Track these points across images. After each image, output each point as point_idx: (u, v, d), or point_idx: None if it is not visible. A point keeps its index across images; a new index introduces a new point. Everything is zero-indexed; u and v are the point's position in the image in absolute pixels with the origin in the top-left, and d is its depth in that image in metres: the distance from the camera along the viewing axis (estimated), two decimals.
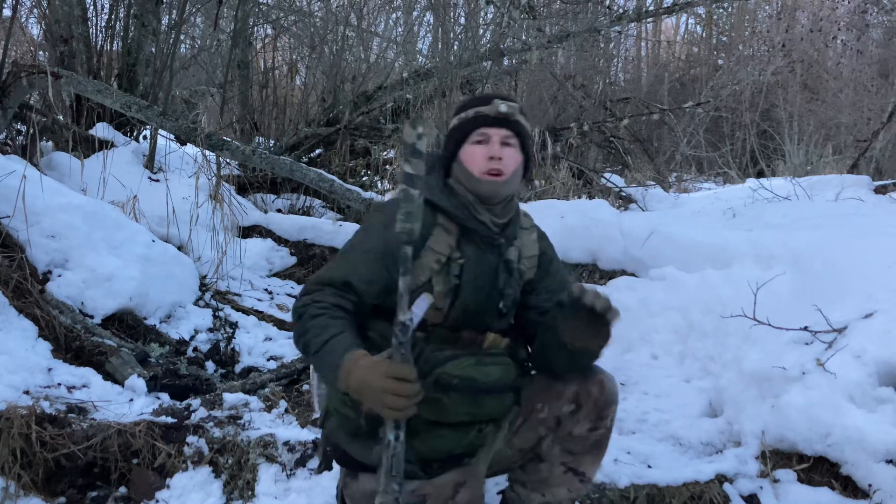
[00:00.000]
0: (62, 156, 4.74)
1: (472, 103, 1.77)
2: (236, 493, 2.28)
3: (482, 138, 1.72)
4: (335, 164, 6.07)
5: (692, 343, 3.14)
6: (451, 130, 1.79)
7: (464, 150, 1.74)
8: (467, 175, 1.72)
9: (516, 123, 1.74)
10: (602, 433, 1.77)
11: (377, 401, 1.45)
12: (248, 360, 3.31)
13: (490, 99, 1.75)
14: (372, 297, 1.67)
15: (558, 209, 3.79)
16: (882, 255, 2.89)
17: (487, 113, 1.72)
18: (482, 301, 1.73)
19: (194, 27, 8.90)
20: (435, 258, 1.68)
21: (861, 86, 10.10)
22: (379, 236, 1.67)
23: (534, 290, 1.83)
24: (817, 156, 7.61)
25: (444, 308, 1.70)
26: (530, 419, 1.77)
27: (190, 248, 4.16)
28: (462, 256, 1.71)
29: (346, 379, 1.50)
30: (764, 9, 13.48)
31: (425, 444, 1.61)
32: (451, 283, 1.70)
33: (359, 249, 1.70)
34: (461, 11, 7.81)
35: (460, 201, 1.73)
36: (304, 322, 1.61)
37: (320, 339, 1.57)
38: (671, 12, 7.77)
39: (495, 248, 1.75)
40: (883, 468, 2.18)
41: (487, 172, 1.70)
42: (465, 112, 1.76)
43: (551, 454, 1.78)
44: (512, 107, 1.74)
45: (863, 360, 2.38)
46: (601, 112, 7.81)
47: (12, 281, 2.96)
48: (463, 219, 1.71)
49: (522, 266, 1.81)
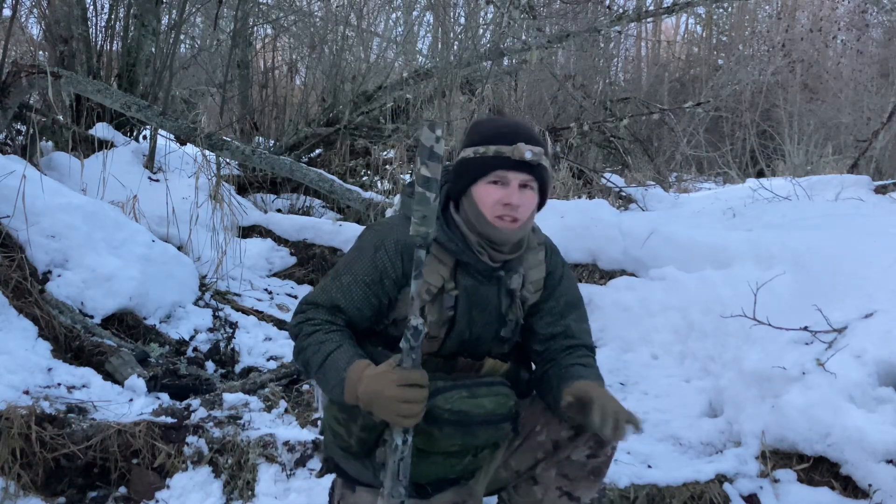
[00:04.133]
0: (62, 156, 4.74)
1: (492, 139, 1.61)
2: (236, 493, 2.28)
3: (499, 179, 1.60)
4: (335, 164, 6.07)
5: (692, 343, 3.14)
6: (464, 162, 1.64)
7: (477, 188, 1.61)
8: (477, 214, 1.61)
9: (539, 168, 1.62)
10: (602, 461, 1.69)
11: (390, 411, 1.42)
12: (248, 360, 3.31)
13: (513, 137, 1.60)
14: (363, 321, 1.63)
15: (558, 209, 3.79)
16: (882, 255, 2.89)
17: (510, 156, 1.59)
18: (478, 330, 1.67)
19: (194, 27, 8.92)
20: (425, 288, 1.60)
21: (861, 86, 10.10)
22: (370, 261, 1.61)
23: (537, 313, 1.75)
24: (817, 156, 7.61)
25: (440, 337, 1.64)
26: (528, 441, 1.71)
27: (190, 248, 4.16)
28: (456, 287, 1.64)
29: (352, 391, 1.47)
30: (764, 9, 13.49)
31: (417, 469, 1.53)
32: (446, 315, 1.63)
33: (349, 273, 1.63)
34: (461, 11, 7.81)
35: (458, 235, 1.63)
36: (301, 340, 1.60)
37: (319, 355, 1.55)
38: (671, 12, 7.77)
39: (494, 280, 1.67)
40: (883, 468, 2.18)
41: (500, 217, 1.59)
42: (486, 148, 1.61)
43: (546, 477, 1.71)
44: (537, 153, 1.59)
45: (863, 360, 2.38)
46: (601, 112, 7.81)
47: (12, 281, 2.96)
48: (457, 252, 1.63)
49: (526, 293, 1.72)
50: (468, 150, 1.65)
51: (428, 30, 9.20)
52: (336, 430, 1.64)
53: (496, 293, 1.68)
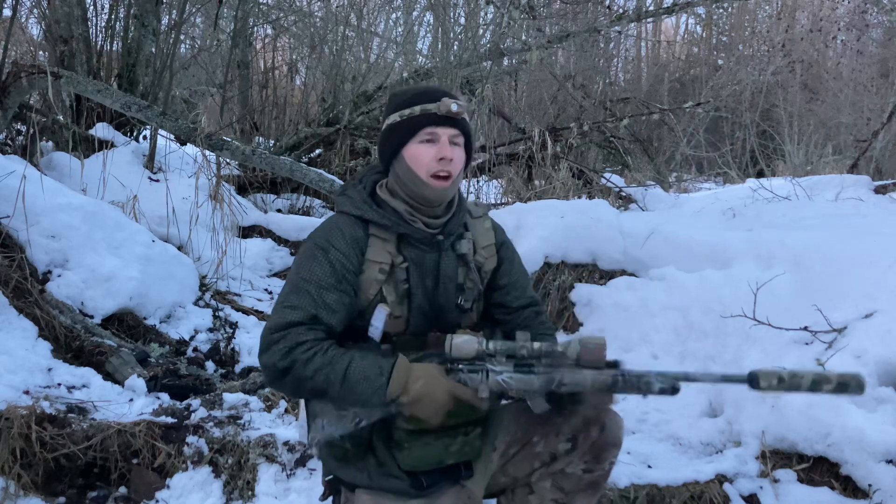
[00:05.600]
0: (62, 156, 4.74)
1: (416, 99, 1.65)
2: (236, 493, 2.28)
3: (430, 137, 1.63)
4: (335, 164, 6.08)
5: (692, 343, 3.14)
6: (392, 127, 1.67)
7: (408, 149, 1.65)
8: (412, 176, 1.64)
9: (463, 122, 1.66)
10: (598, 475, 1.68)
11: (434, 413, 1.49)
12: (248, 360, 3.31)
13: (437, 94, 1.64)
14: (340, 325, 1.61)
15: (558, 209, 3.79)
16: (882, 255, 2.89)
17: (436, 112, 1.62)
18: (437, 300, 1.69)
19: (194, 27, 8.91)
20: (377, 268, 1.64)
21: (861, 86, 10.10)
22: (326, 263, 1.60)
23: (503, 287, 1.80)
24: (817, 156, 7.61)
25: (403, 315, 1.67)
26: (525, 450, 1.70)
27: (190, 248, 4.16)
28: (405, 260, 1.67)
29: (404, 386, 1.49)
30: (764, 9, 13.49)
31: (412, 454, 1.56)
32: (402, 290, 1.66)
33: (310, 282, 1.59)
34: (461, 11, 7.81)
35: (389, 210, 1.67)
36: (299, 370, 1.52)
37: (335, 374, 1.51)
38: (671, 12, 7.77)
39: (435, 245, 1.70)
40: (883, 468, 2.18)
41: (435, 175, 1.63)
42: (411, 108, 1.64)
43: (542, 487, 1.70)
44: (462, 106, 1.64)
45: (863, 360, 2.38)
46: (601, 112, 7.80)
47: (12, 281, 2.96)
48: (392, 227, 1.66)
49: (479, 257, 1.76)
50: (393, 115, 1.67)
51: (428, 30, 9.21)
52: (334, 443, 1.63)
53: (449, 261, 1.71)
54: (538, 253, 3.55)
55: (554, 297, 3.56)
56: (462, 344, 1.50)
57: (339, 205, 1.72)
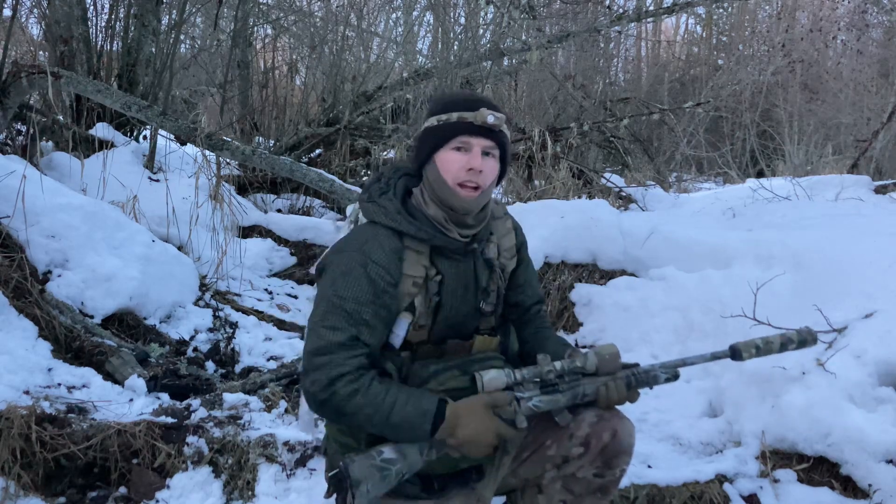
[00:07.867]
0: (62, 156, 4.74)
1: (454, 105, 1.64)
2: (236, 493, 2.28)
3: (462, 145, 1.62)
4: (335, 164, 6.08)
5: (692, 343, 3.14)
6: (428, 130, 1.66)
7: (440, 155, 1.63)
8: (440, 182, 1.62)
9: (500, 134, 1.64)
10: (609, 481, 1.70)
11: (480, 452, 1.54)
12: (248, 360, 3.31)
13: (476, 104, 1.63)
14: (379, 341, 1.60)
15: (558, 209, 3.79)
16: (882, 255, 2.89)
17: (472, 121, 1.61)
18: (463, 308, 1.69)
19: (194, 27, 8.91)
20: (411, 282, 1.61)
21: (861, 86, 10.09)
22: (363, 278, 1.56)
23: (520, 286, 1.82)
24: (817, 156, 7.61)
25: (427, 324, 1.65)
26: (538, 453, 1.72)
27: (190, 248, 4.16)
28: (438, 272, 1.65)
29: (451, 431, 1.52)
30: (764, 9, 13.48)
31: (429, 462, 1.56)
32: (433, 302, 1.65)
33: (350, 298, 1.55)
34: (461, 11, 7.81)
35: (424, 220, 1.64)
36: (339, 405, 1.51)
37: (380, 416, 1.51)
38: (671, 12, 7.77)
39: (469, 254, 1.69)
40: (883, 468, 2.18)
41: (462, 184, 1.61)
42: (448, 115, 1.63)
43: (552, 489, 1.72)
44: (499, 118, 1.62)
45: (863, 360, 2.38)
46: (601, 112, 7.80)
47: (12, 281, 2.96)
48: (428, 239, 1.63)
49: (503, 259, 1.77)
50: (431, 119, 1.66)
51: (428, 30, 9.22)
52: (342, 441, 1.65)
53: (480, 268, 1.71)
54: (538, 253, 3.56)
55: (554, 297, 3.57)
56: (491, 381, 1.55)
57: (370, 214, 1.66)
